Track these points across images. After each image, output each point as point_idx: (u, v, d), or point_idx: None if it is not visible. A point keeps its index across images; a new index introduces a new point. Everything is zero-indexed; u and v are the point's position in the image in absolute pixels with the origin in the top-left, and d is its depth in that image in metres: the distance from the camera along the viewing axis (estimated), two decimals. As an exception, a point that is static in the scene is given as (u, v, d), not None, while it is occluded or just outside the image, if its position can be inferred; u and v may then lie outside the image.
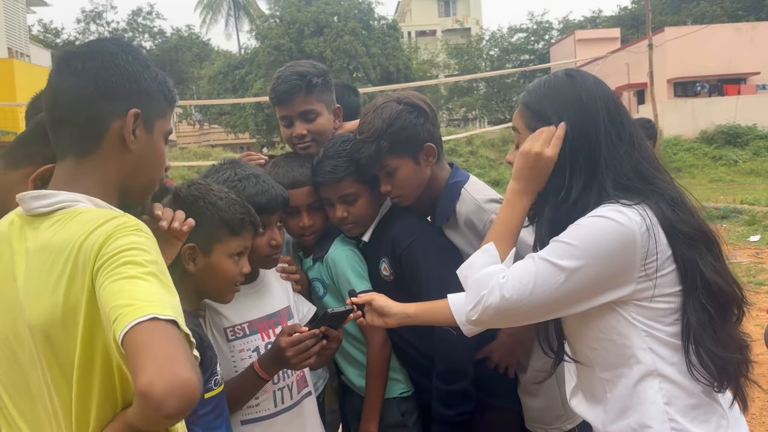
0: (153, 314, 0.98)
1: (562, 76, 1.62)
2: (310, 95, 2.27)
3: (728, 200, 14.04)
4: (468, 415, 2.04)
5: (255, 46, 36.06)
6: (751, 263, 8.63)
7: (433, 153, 2.11)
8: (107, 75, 1.23)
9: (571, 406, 1.69)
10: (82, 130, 1.22)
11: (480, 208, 2.05)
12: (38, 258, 1.15)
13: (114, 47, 1.27)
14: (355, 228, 2.20)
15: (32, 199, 1.20)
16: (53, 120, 1.25)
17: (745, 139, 23.65)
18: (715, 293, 1.47)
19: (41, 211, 1.18)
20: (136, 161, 1.26)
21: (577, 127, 1.54)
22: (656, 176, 1.54)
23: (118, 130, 1.23)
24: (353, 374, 2.26)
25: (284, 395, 1.94)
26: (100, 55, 1.24)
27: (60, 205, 1.18)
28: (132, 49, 1.29)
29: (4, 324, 1.19)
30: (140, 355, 0.95)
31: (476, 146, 24.79)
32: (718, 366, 1.46)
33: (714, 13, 34.05)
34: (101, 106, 1.22)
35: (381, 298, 1.92)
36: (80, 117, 1.22)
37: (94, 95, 1.21)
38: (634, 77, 25.82)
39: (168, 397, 0.93)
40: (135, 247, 1.08)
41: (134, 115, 1.23)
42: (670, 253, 1.46)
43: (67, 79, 1.23)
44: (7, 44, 22.11)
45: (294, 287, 2.15)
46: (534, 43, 39.10)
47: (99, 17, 37.17)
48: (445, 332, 1.97)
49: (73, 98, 1.22)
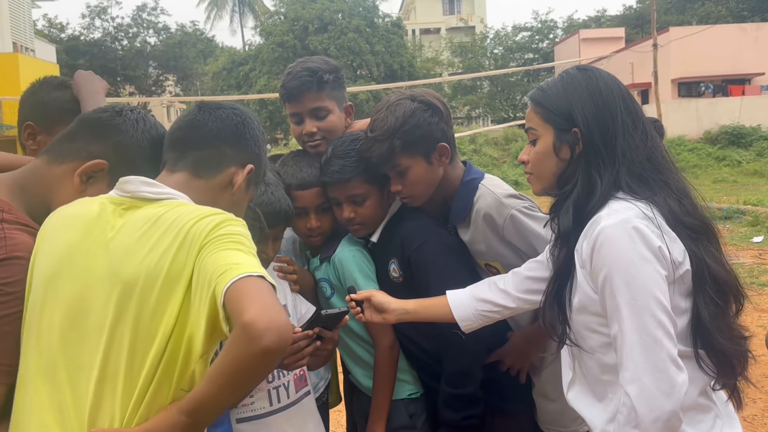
0: (251, 272, 1.14)
1: (576, 72, 1.64)
2: (321, 92, 2.21)
3: (732, 201, 13.99)
4: (475, 419, 1.99)
5: (259, 43, 36.03)
6: (754, 264, 8.60)
7: (446, 153, 2.06)
8: (244, 131, 1.48)
9: (568, 399, 1.67)
10: (207, 159, 1.44)
11: (500, 203, 1.99)
12: (137, 225, 1.28)
13: (251, 116, 1.53)
14: (363, 229, 2.16)
15: (142, 183, 1.35)
16: (183, 142, 1.45)
17: (749, 140, 23.57)
18: (722, 286, 1.49)
19: (148, 196, 1.33)
20: (229, 204, 1.44)
21: (598, 120, 1.56)
22: (666, 166, 1.57)
23: (232, 174, 1.45)
24: (360, 374, 2.24)
25: (280, 394, 1.92)
26: (241, 115, 1.50)
27: (166, 196, 1.34)
28: (259, 123, 1.55)
29: (78, 288, 1.26)
30: (244, 300, 1.11)
31: (479, 144, 24.76)
32: (724, 360, 1.48)
33: (719, 14, 33.91)
34: (229, 150, 1.45)
35: (380, 295, 1.92)
36: (211, 150, 1.44)
37: (228, 140, 1.45)
38: (638, 77, 25.73)
39: (267, 332, 1.07)
40: (239, 233, 1.26)
41: (249, 170, 1.47)
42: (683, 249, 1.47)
43: (210, 120, 1.46)
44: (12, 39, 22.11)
45: (292, 287, 2.12)
46: (538, 42, 39.02)
47: (104, 12, 37.06)
48: (453, 335, 1.94)
49: (210, 135, 1.44)
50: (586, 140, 1.56)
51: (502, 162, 23.53)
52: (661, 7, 34.04)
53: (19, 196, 1.44)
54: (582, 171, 1.56)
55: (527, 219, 1.98)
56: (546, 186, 1.68)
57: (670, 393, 1.37)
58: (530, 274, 1.81)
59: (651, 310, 1.40)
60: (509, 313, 1.86)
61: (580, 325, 1.57)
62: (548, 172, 1.65)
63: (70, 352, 1.24)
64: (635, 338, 1.40)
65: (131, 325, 1.21)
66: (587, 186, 1.55)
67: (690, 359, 1.47)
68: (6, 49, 21.72)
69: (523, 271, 1.84)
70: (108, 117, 1.51)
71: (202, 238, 1.22)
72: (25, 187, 1.44)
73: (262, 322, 1.07)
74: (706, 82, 26.92)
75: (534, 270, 1.81)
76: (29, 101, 1.96)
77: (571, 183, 1.58)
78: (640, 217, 1.45)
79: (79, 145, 1.47)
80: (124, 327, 1.22)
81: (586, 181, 1.55)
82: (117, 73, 37.05)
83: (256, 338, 1.07)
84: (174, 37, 39.04)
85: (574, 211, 1.56)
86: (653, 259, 1.42)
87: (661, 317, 1.40)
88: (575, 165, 1.58)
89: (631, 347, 1.40)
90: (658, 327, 1.39)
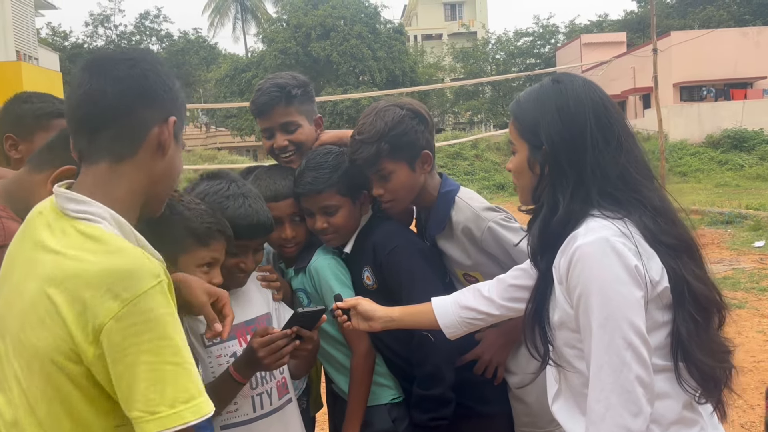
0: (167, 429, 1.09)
1: (549, 84, 1.61)
2: (289, 106, 2.27)
3: (734, 205, 13.95)
4: (445, 420, 2.03)
5: (262, 50, 36.21)
6: (755, 269, 8.55)
7: (429, 161, 2.12)
8: (149, 83, 1.25)
9: (553, 411, 1.67)
10: (122, 135, 1.23)
11: (477, 216, 2.06)
12: (41, 253, 1.18)
13: (149, 57, 1.29)
14: (335, 239, 2.20)
15: (66, 200, 1.21)
16: (87, 124, 1.24)
17: (751, 144, 23.53)
18: (702, 302, 1.47)
19: (69, 214, 1.20)
20: (165, 168, 1.29)
21: (564, 137, 1.52)
22: (641, 183, 1.53)
23: (157, 136, 1.25)
24: (343, 382, 2.25)
25: (263, 400, 1.93)
26: (140, 63, 1.26)
27: (87, 216, 1.19)
28: (163, 61, 1.34)
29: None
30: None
31: (481, 150, 24.79)
32: (705, 375, 1.45)
33: (720, 18, 33.94)
34: (144, 113, 1.24)
35: (365, 302, 1.93)
36: (121, 122, 1.23)
37: (137, 101, 1.23)
38: (640, 81, 25.77)
39: None
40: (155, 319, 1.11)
41: (173, 122, 1.28)
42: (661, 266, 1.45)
43: (107, 85, 1.22)
44: (15, 47, 22.23)
45: (274, 296, 2.14)
46: (540, 47, 39.11)
47: (107, 20, 37.37)
48: (422, 337, 1.98)
49: (114, 103, 1.22)
50: (551, 159, 1.53)
51: (504, 167, 23.54)
52: (663, 12, 34.10)
53: (7, 201, 1.57)
54: (548, 191, 1.55)
55: (504, 231, 2.05)
56: (525, 199, 1.67)
57: (637, 413, 1.37)
58: (514, 282, 1.81)
59: (622, 331, 1.39)
60: (493, 320, 1.86)
61: (561, 341, 1.56)
62: (526, 185, 1.64)
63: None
64: (604, 359, 1.40)
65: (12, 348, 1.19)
66: (551, 205, 1.54)
67: (670, 373, 1.46)
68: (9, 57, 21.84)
69: (508, 279, 1.84)
70: None
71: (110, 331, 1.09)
72: (11, 193, 1.55)
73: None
74: (708, 86, 26.92)
75: (518, 278, 1.81)
76: (5, 116, 2.12)
77: (540, 202, 1.58)
78: (617, 234, 1.43)
79: (55, 154, 1.57)
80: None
81: (551, 201, 1.54)
82: (120, 81, 37.22)
83: None
84: (177, 45, 39.32)
85: (540, 229, 1.56)
86: (628, 280, 1.40)
87: (632, 339, 1.39)
88: (544, 184, 1.57)
89: (599, 367, 1.41)
90: (628, 348, 1.38)
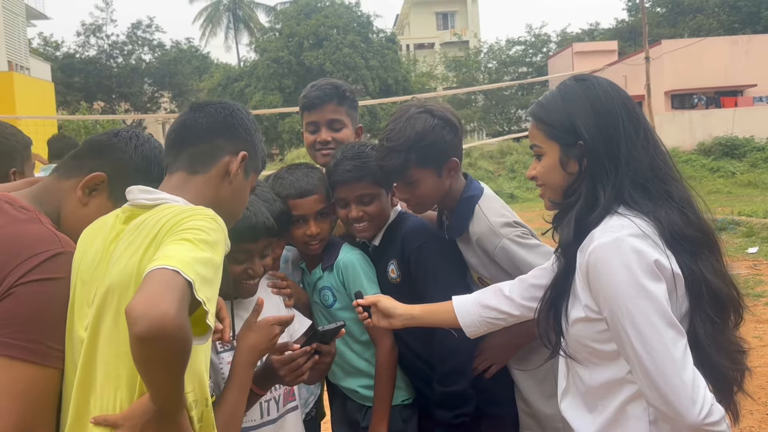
0: (166, 265, 1.14)
1: (574, 83, 1.63)
2: (340, 106, 2.38)
3: (726, 212, 14.01)
4: (467, 417, 2.04)
5: (254, 59, 36.18)
6: (749, 275, 8.61)
7: (456, 167, 2.11)
8: (233, 121, 1.57)
9: (561, 409, 1.68)
10: (200, 154, 1.52)
11: (492, 232, 2.03)
12: (131, 233, 1.33)
13: (241, 108, 1.61)
14: (369, 228, 2.21)
15: (139, 191, 1.42)
16: (177, 142, 1.54)
17: (742, 151, 23.69)
18: (721, 300, 1.48)
19: (145, 203, 1.40)
20: (230, 193, 1.54)
21: (601, 130, 1.55)
22: (668, 174, 1.56)
23: (227, 163, 1.53)
24: (352, 382, 2.27)
25: (270, 407, 1.94)
26: (230, 107, 1.59)
27: (161, 201, 1.40)
28: (251, 114, 1.64)
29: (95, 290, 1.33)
30: (139, 289, 1.12)
31: (474, 158, 24.82)
32: (720, 377, 1.47)
33: (710, 26, 34.19)
34: (221, 142, 1.54)
35: (386, 300, 1.94)
36: (202, 145, 1.53)
37: (219, 132, 1.54)
38: (631, 89, 25.83)
39: (139, 320, 1.07)
40: (198, 227, 1.26)
41: (243, 156, 1.54)
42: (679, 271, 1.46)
43: (200, 117, 1.55)
44: (7, 57, 22.16)
45: (286, 302, 2.14)
46: (532, 55, 39.25)
47: (99, 30, 37.24)
48: (445, 334, 1.98)
49: (201, 130, 1.54)
50: (591, 153, 1.55)
51: (498, 175, 23.60)
52: (653, 20, 34.34)
53: (37, 207, 1.61)
54: (587, 184, 1.56)
55: (518, 248, 2.01)
56: (556, 197, 1.67)
57: (695, 399, 1.37)
58: (535, 281, 1.82)
59: (656, 328, 1.40)
60: (514, 320, 1.87)
61: (575, 336, 1.57)
62: (558, 185, 1.65)
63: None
64: (648, 363, 1.40)
65: (111, 327, 1.27)
66: (590, 199, 1.54)
67: None
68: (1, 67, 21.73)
69: (529, 279, 1.85)
70: (107, 138, 1.69)
71: (164, 232, 1.27)
72: (40, 199, 1.60)
73: (136, 310, 1.07)
74: (698, 94, 27.11)
75: (539, 278, 1.82)
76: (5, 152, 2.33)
77: (575, 195, 1.58)
78: (635, 234, 1.45)
79: (82, 162, 1.64)
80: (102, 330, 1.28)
81: (590, 195, 1.55)
82: (112, 91, 37.16)
83: (130, 325, 1.08)
84: (169, 54, 39.20)
85: (575, 223, 1.55)
86: (650, 277, 1.41)
87: (665, 335, 1.40)
88: (582, 178, 1.58)
89: (645, 374, 1.41)
90: (666, 346, 1.39)
